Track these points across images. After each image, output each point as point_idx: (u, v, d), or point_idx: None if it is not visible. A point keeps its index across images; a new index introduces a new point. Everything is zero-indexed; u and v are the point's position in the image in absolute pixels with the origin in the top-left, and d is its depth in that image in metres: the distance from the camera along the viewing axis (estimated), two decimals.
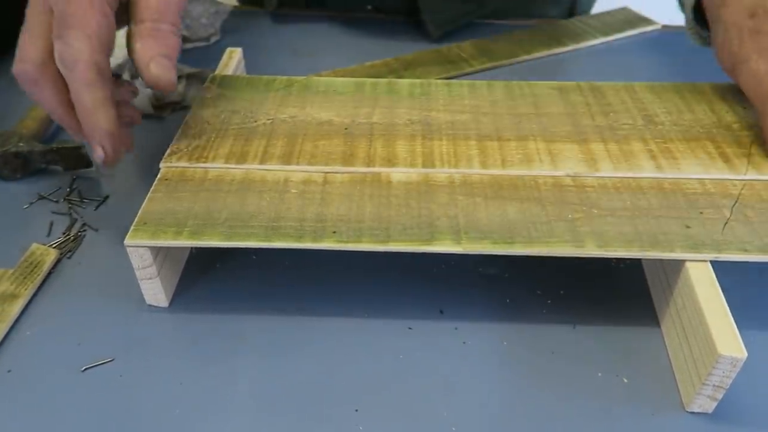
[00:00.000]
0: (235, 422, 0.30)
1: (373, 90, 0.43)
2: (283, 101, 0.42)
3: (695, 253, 0.31)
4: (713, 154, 0.37)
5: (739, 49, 0.38)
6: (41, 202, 0.42)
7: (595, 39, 0.60)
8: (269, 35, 0.61)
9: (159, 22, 0.34)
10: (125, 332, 0.34)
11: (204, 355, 0.33)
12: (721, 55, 0.40)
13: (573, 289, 0.36)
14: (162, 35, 0.34)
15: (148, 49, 0.34)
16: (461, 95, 0.43)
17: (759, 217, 0.33)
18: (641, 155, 0.37)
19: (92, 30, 0.32)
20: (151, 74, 0.34)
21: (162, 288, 0.34)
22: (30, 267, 0.36)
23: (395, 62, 0.56)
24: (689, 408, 0.30)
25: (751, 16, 0.38)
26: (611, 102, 0.42)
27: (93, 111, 0.33)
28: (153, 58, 0.34)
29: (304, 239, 0.32)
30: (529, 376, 0.32)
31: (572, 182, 0.35)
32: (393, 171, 0.36)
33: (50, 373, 0.32)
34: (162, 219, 0.33)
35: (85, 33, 0.32)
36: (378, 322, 0.34)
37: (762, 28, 0.37)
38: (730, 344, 0.27)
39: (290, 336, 0.34)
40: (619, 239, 0.31)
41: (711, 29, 0.41)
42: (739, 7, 0.39)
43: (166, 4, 0.35)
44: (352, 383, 0.31)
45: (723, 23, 0.40)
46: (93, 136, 0.34)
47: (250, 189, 0.35)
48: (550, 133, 0.39)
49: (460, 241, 0.32)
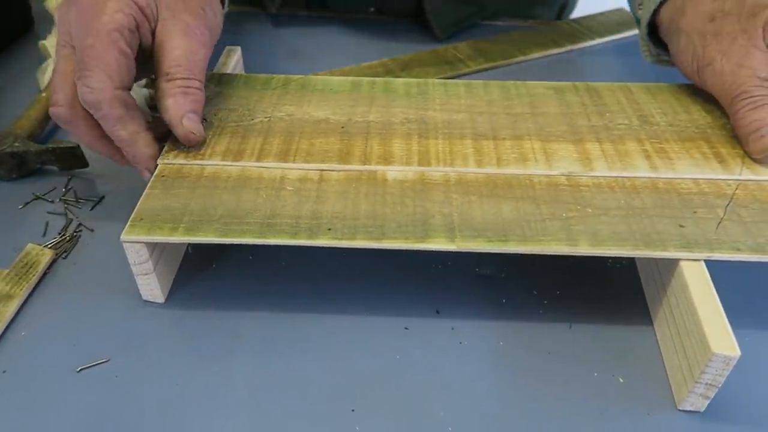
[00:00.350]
0: (230, 422, 0.30)
1: (369, 89, 0.43)
2: (280, 99, 0.42)
3: (688, 252, 0.31)
4: (708, 155, 0.37)
5: (703, 52, 0.39)
6: (37, 203, 0.42)
7: (591, 40, 0.60)
8: (269, 36, 0.62)
9: (189, 80, 0.36)
10: (121, 332, 0.34)
11: (200, 354, 0.33)
12: (683, 62, 0.41)
13: (569, 288, 0.36)
14: (192, 92, 0.36)
15: (180, 107, 0.36)
16: (458, 95, 0.43)
17: (752, 217, 0.33)
18: (636, 155, 0.37)
19: (112, 68, 0.34)
20: (184, 130, 0.36)
21: (158, 284, 0.34)
22: (25, 267, 0.36)
23: (392, 63, 0.56)
24: (681, 406, 0.30)
25: (711, 20, 0.39)
26: (607, 102, 0.42)
27: (132, 142, 0.35)
28: (185, 114, 0.36)
29: (299, 236, 0.32)
30: (526, 375, 0.32)
31: (567, 181, 0.35)
32: (389, 169, 0.36)
33: (46, 373, 0.32)
34: (158, 215, 0.33)
35: (105, 71, 0.33)
36: (375, 322, 0.34)
37: (723, 30, 0.38)
38: (723, 343, 0.28)
39: (287, 335, 0.34)
40: (613, 238, 0.32)
41: (671, 41, 0.42)
42: (698, 14, 0.39)
43: (195, 62, 0.37)
44: (349, 383, 0.31)
45: (684, 32, 0.40)
46: (137, 162, 0.36)
47: (246, 186, 0.35)
48: (545, 132, 0.39)
49: (455, 238, 0.32)
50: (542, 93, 0.43)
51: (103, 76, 0.33)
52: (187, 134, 0.36)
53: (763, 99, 0.36)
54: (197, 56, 0.37)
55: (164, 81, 0.36)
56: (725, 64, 0.37)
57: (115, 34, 0.34)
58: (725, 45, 0.38)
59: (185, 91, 0.36)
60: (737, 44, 0.37)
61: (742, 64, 0.37)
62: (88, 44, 0.34)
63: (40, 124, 0.46)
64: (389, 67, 0.55)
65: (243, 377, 0.32)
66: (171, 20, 0.37)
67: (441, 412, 0.30)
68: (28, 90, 0.51)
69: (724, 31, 0.38)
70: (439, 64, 0.56)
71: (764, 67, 0.37)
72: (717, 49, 0.38)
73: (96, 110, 0.34)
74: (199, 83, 0.37)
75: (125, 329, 0.34)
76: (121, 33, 0.34)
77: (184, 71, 0.36)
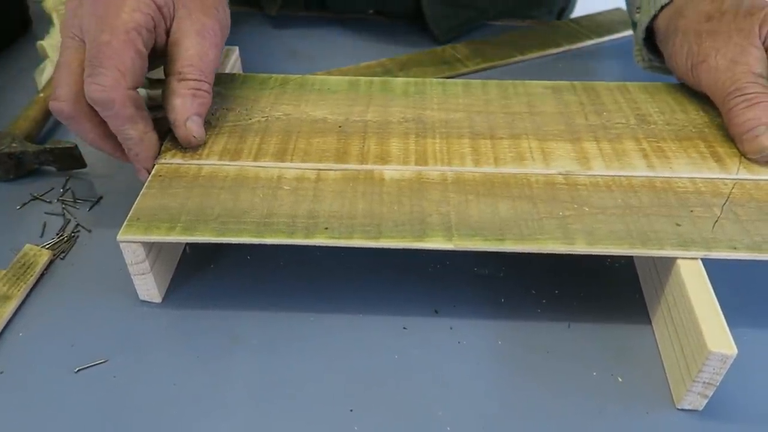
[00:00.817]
0: (228, 421, 0.30)
1: (367, 88, 0.43)
2: (278, 99, 0.42)
3: (685, 251, 0.31)
4: (705, 154, 0.37)
5: (698, 49, 0.39)
6: (34, 203, 0.42)
7: (589, 40, 0.60)
8: (267, 36, 0.62)
9: (200, 82, 0.36)
10: (119, 333, 0.34)
11: (198, 353, 0.33)
12: (678, 60, 0.40)
13: (567, 288, 0.36)
14: (201, 95, 0.36)
15: (187, 108, 0.35)
16: (455, 94, 0.43)
17: (749, 215, 0.33)
18: (633, 154, 0.37)
19: (126, 67, 0.33)
20: (187, 131, 0.36)
21: (155, 284, 0.34)
22: (23, 268, 0.36)
23: (390, 63, 0.56)
24: (680, 405, 0.30)
25: (708, 19, 0.39)
26: (605, 101, 0.42)
27: (139, 142, 0.35)
28: (190, 117, 0.36)
29: (296, 235, 0.32)
30: (524, 374, 0.32)
31: (564, 180, 0.35)
32: (386, 168, 0.36)
33: (44, 374, 0.32)
34: (155, 215, 0.33)
35: (119, 69, 0.33)
36: (373, 322, 0.34)
37: (719, 29, 0.38)
38: (720, 341, 0.28)
39: (285, 335, 0.34)
40: (610, 237, 0.32)
41: (667, 44, 0.42)
42: (696, 15, 0.39)
43: (207, 63, 0.36)
44: (348, 383, 0.31)
45: (681, 31, 0.40)
46: (139, 162, 0.36)
47: (243, 185, 0.35)
48: (543, 131, 0.39)
49: (452, 237, 0.32)
50: (540, 92, 0.43)
51: (117, 74, 0.33)
52: (189, 137, 0.36)
53: (757, 96, 0.36)
54: (209, 57, 0.37)
55: (176, 80, 0.36)
56: (720, 60, 0.37)
57: (133, 33, 0.34)
58: (720, 42, 0.38)
59: (195, 93, 0.36)
60: (732, 42, 0.37)
61: (737, 61, 0.37)
62: (104, 41, 0.33)
63: (37, 124, 0.46)
64: (387, 67, 0.55)
65: (241, 377, 0.32)
66: (187, 19, 0.36)
67: (440, 412, 0.30)
68: (26, 90, 0.51)
69: (720, 30, 0.38)
70: (438, 64, 0.56)
71: (759, 64, 0.36)
72: (712, 46, 0.38)
73: (107, 109, 0.33)
74: (208, 86, 0.37)
75: (123, 329, 0.34)
76: (138, 32, 0.34)
77: (197, 72, 0.36)
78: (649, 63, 0.47)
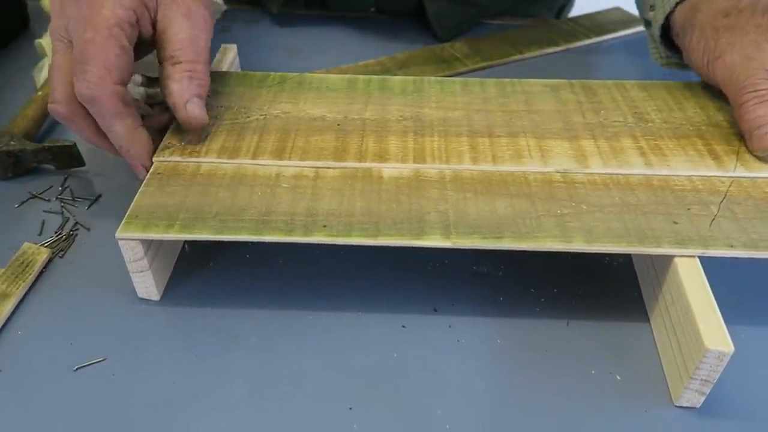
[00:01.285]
0: (227, 420, 0.30)
1: (365, 87, 0.43)
2: (276, 97, 0.42)
3: (682, 249, 0.31)
4: (702, 152, 0.37)
5: (714, 45, 0.39)
6: (33, 201, 0.42)
7: (588, 39, 0.60)
8: (267, 35, 0.61)
9: (194, 63, 0.36)
10: (118, 331, 0.34)
11: (196, 351, 0.33)
12: (695, 56, 0.41)
13: (566, 286, 0.36)
14: (197, 75, 0.36)
15: (185, 91, 0.35)
16: (453, 92, 0.43)
17: (746, 213, 0.33)
18: (631, 152, 0.37)
19: (111, 63, 0.33)
20: (188, 114, 0.36)
21: (154, 281, 0.34)
22: (22, 266, 0.36)
23: (389, 61, 0.56)
24: (677, 402, 0.30)
25: (726, 15, 0.39)
26: (602, 100, 0.42)
27: (127, 138, 0.35)
28: (190, 99, 0.35)
29: (295, 233, 0.32)
30: (523, 372, 0.32)
31: (562, 178, 0.35)
32: (384, 167, 0.36)
33: (42, 372, 0.32)
34: (153, 212, 0.33)
35: (104, 66, 0.33)
36: (372, 320, 0.34)
37: (736, 25, 0.38)
38: (717, 338, 0.28)
39: (284, 333, 0.34)
40: (608, 235, 0.32)
41: (684, 39, 0.42)
42: (714, 10, 0.40)
43: (198, 44, 0.36)
44: (347, 381, 0.31)
45: (698, 27, 0.40)
46: (133, 158, 0.36)
47: (241, 183, 0.35)
48: (541, 130, 0.39)
49: (450, 235, 0.32)
50: (538, 90, 0.43)
51: (102, 71, 0.33)
52: (189, 119, 0.36)
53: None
54: (199, 38, 0.37)
55: (169, 65, 0.36)
56: (735, 56, 0.37)
57: (116, 29, 0.34)
58: (737, 38, 0.38)
59: (190, 75, 0.36)
60: (749, 38, 0.37)
61: (752, 57, 0.37)
62: (87, 38, 0.33)
63: (36, 122, 0.46)
64: (386, 66, 0.55)
65: (240, 375, 0.32)
66: (172, 4, 0.36)
67: (439, 410, 0.30)
68: (25, 89, 0.51)
69: (738, 26, 0.38)
70: (437, 62, 0.56)
71: None
72: (728, 41, 0.38)
73: (93, 105, 0.34)
74: (203, 66, 0.36)
75: (122, 328, 0.34)
76: (121, 28, 0.34)
77: (189, 54, 0.36)
78: (667, 60, 0.47)
